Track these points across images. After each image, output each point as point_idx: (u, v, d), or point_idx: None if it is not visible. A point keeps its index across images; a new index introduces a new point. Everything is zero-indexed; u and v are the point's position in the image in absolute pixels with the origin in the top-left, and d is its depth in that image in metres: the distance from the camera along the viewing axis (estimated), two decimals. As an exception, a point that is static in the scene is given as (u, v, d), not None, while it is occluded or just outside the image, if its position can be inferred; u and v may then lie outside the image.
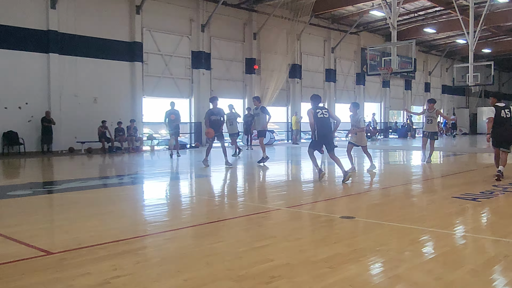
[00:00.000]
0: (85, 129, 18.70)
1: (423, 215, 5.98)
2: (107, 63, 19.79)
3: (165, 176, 11.02)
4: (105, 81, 19.71)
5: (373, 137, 30.83)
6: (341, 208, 6.66)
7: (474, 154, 17.70)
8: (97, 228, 5.18)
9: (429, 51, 39.37)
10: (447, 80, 42.55)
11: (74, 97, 18.87)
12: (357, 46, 32.84)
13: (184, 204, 7.16)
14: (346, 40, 31.10)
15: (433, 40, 36.52)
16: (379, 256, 4.11)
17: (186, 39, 22.73)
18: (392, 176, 11.00)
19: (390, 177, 10.92)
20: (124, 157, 16.56)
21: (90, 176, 10.92)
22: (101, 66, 19.57)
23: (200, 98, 23.10)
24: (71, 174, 11.28)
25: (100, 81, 19.57)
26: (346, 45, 31.65)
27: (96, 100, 19.47)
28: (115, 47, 20.00)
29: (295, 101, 28.33)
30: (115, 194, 8.00)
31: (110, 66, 19.89)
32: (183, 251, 4.30)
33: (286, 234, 4.87)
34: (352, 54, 32.89)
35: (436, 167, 12.24)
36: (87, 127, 18.74)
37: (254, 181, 10.32)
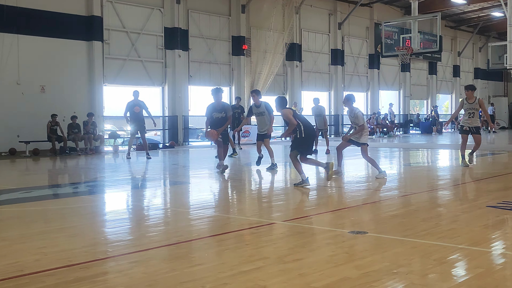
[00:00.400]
0: (30, 125, 18.55)
1: (451, 229, 6.00)
2: (58, 42, 19.63)
3: (131, 184, 10.95)
4: (56, 66, 19.56)
5: (390, 133, 30.98)
6: (351, 221, 6.65)
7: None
8: (44, 250, 5.12)
9: (458, 26, 39.63)
10: (480, 62, 42.87)
11: (16, 85, 18.70)
12: (369, 21, 32.94)
13: (155, 218, 7.11)
14: (356, 14, 31.19)
15: (463, 13, 36.75)
16: (397, 280, 4.09)
17: (157, 12, 22.64)
18: (413, 181, 11.04)
19: (411, 182, 10.96)
20: (80, 160, 16.46)
21: (36, 184, 10.82)
22: (50, 47, 19.40)
23: (176, 86, 23.03)
24: (12, 182, 11.18)
25: (49, 66, 19.41)
26: (356, 20, 31.73)
27: (44, 89, 19.32)
28: (68, 22, 19.84)
29: (294, 88, 28.37)
30: (68, 206, 7.93)
31: (62, 46, 19.73)
32: (153, 278, 4.25)
33: (282, 255, 4.85)
34: (364, 31, 32.98)
35: (468, 170, 12.30)
36: (33, 123, 18.58)
37: (243, 189, 10.29)
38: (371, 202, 8.06)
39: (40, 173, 13.89)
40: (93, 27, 20.42)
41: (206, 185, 10.80)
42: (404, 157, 17.44)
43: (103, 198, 9.25)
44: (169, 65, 23.02)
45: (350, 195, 8.87)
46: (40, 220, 6.80)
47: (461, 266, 4.58)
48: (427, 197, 8.69)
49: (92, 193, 9.57)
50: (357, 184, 10.34)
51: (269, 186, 10.50)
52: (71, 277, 4.21)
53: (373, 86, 33.46)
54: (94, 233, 6.16)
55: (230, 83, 25.58)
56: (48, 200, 8.74)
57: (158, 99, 23.28)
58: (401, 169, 13.73)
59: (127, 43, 21.74)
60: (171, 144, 22.15)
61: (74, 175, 13.12)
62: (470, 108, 12.35)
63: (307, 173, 9.40)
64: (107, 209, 8.15)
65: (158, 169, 14.42)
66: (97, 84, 20.65)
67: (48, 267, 4.48)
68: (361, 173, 12.43)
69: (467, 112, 12.49)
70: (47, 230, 6.18)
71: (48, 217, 7.13)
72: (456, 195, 9.04)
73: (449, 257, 4.75)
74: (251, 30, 26.12)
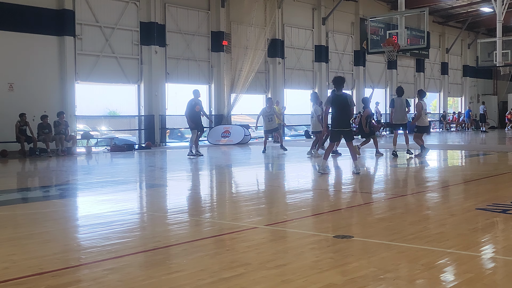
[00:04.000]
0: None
1: (440, 232, 6.06)
2: (27, 37, 19.41)
3: (105, 187, 10.89)
4: (24, 62, 19.35)
5: (377, 133, 31.11)
6: (336, 224, 6.69)
7: (504, 154, 18.09)
8: (13, 257, 5.07)
9: (446, 22, 40.05)
10: (469, 59, 43.36)
11: (-17, 83, 18.49)
12: (355, 16, 33.13)
13: (131, 223, 7.08)
14: (341, 9, 31.35)
15: (451, 8, 37.13)
16: (384, 286, 4.12)
17: (133, 6, 22.52)
18: (400, 183, 11.13)
19: (398, 184, 11.05)
20: (51, 162, 16.32)
21: (4, 187, 10.71)
22: (18, 42, 19.19)
23: (152, 84, 22.91)
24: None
25: (17, 62, 19.19)
26: (341, 15, 31.90)
27: (12, 87, 19.11)
28: (37, 16, 19.65)
29: (276, 86, 28.41)
30: (38, 211, 7.86)
31: (31, 41, 19.53)
32: (129, 286, 4.24)
33: (264, 260, 4.86)
34: (349, 27, 33.17)
35: (457, 171, 12.44)
36: (0, 123, 18.37)
37: (224, 192, 10.28)
38: (357, 205, 8.11)
39: (8, 175, 13.74)
40: (64, 21, 20.22)
41: (185, 188, 10.78)
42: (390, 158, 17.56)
43: (75, 202, 9.18)
44: (145, 61, 22.90)
45: (334, 198, 8.92)
46: (8, 226, 6.73)
47: (450, 271, 4.63)
48: (414, 199, 8.77)
49: (64, 196, 9.50)
50: (342, 186, 10.40)
51: (251, 189, 10.51)
52: (42, 286, 4.18)
53: (358, 83, 33.65)
54: (66, 239, 6.11)
55: (209, 81, 25.54)
56: (17, 205, 8.66)
57: (133, 98, 23.15)
58: (387, 170, 13.84)
59: (100, 39, 21.58)
60: (147, 145, 22.03)
61: (45, 178, 13.00)
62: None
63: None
64: (80, 213, 8.09)
65: (134, 171, 14.36)
66: (69, 82, 20.45)
67: (18, 275, 4.44)
68: (346, 175, 12.50)
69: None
70: (16, 236, 6.11)
71: (17, 222, 7.06)
72: (444, 197, 9.13)
73: (438, 262, 4.80)
74: (231, 25, 26.10)
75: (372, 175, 12.53)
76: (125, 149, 20.44)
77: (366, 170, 13.08)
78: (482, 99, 43.10)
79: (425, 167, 13.79)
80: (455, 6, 36.43)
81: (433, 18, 37.01)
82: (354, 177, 11.27)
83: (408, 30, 25.01)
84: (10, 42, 18.97)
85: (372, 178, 11.92)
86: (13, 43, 19.03)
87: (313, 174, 13.28)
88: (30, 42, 19.48)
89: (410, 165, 14.27)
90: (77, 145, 20.35)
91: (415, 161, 15.05)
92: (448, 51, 41.33)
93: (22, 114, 18.30)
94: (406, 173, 13.22)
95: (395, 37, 23.39)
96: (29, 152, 18.29)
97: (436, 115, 40.95)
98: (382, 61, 34.74)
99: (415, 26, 29.28)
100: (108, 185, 11.10)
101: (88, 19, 21.12)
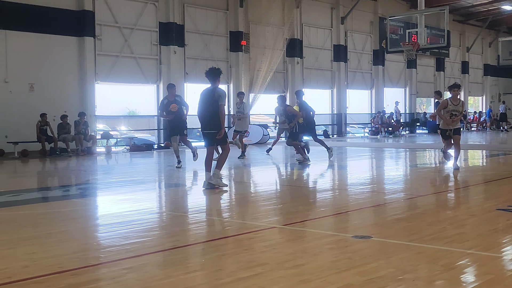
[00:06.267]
0: (19, 125, 18.53)
1: (459, 233, 6.00)
2: (48, 38, 19.60)
3: (125, 186, 10.95)
4: (45, 63, 19.54)
5: (396, 132, 30.97)
6: (354, 224, 6.66)
7: (525, 154, 17.84)
8: (33, 256, 5.11)
9: (466, 20, 39.65)
10: (490, 58, 42.85)
11: (4, 83, 18.69)
12: (374, 16, 32.94)
13: (150, 222, 7.11)
14: (360, 8, 31.19)
15: (472, 6, 36.76)
16: (403, 287, 4.10)
17: (151, 6, 22.62)
18: (420, 183, 11.04)
19: (417, 184, 10.96)
20: (71, 162, 16.46)
21: (25, 187, 10.82)
22: (39, 43, 19.38)
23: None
24: (0, 185, 11.18)
25: (37, 63, 19.40)
26: (360, 14, 31.73)
27: (33, 87, 19.31)
28: (58, 17, 19.82)
29: (294, 86, 28.31)
30: (58, 210, 7.93)
31: (52, 42, 19.71)
32: (147, 285, 4.25)
33: (282, 260, 4.85)
34: (368, 26, 32.98)
35: (477, 171, 12.31)
36: (22, 123, 18.56)
37: (242, 192, 10.28)
38: (375, 205, 8.06)
39: (29, 175, 13.88)
40: (84, 22, 20.39)
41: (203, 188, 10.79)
42: (410, 158, 17.44)
43: (95, 201, 9.25)
44: (164, 62, 22.99)
45: (353, 197, 8.88)
46: (29, 225, 6.80)
47: (470, 272, 4.59)
48: (434, 199, 8.70)
49: (83, 196, 9.57)
50: (361, 186, 10.35)
51: (269, 189, 10.50)
52: (62, 284, 4.21)
53: (377, 83, 33.46)
54: (86, 238, 6.15)
55: (228, 81, 25.57)
56: (37, 204, 8.74)
57: (152, 98, 23.24)
58: (407, 170, 13.73)
59: (120, 39, 21.72)
60: (166, 144, 22.10)
61: (65, 178, 13.11)
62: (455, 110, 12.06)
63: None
64: (99, 213, 8.15)
65: (152, 170, 14.42)
66: (89, 82, 20.62)
67: (37, 274, 4.48)
68: (365, 175, 12.44)
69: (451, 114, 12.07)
70: (36, 235, 6.17)
71: (37, 221, 7.13)
72: (464, 197, 9.04)
73: (457, 263, 4.75)
74: (250, 25, 26.09)
75: (393, 175, 12.44)
76: (144, 149, 20.56)
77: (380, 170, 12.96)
78: (503, 98, 42.57)
79: (445, 167, 13.66)
80: (475, 4, 36.05)
81: (453, 16, 36.64)
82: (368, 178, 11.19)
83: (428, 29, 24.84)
84: (31, 43, 19.17)
85: (391, 178, 11.84)
86: (34, 44, 19.23)
87: (331, 173, 13.24)
88: (50, 43, 19.66)
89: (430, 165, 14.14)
90: (97, 144, 20.50)
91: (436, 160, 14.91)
92: (468, 50, 40.92)
93: (43, 114, 18.48)
94: (426, 173, 13.10)
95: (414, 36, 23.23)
96: (50, 152, 18.47)
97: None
98: (401, 60, 34.46)
99: (435, 24, 29.04)
100: (127, 185, 11.17)
101: (107, 19, 21.27)
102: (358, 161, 16.06)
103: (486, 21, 39.63)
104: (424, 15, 22.24)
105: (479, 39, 41.38)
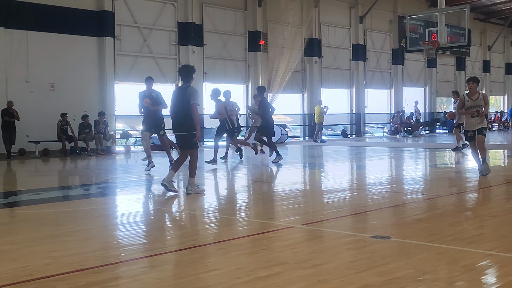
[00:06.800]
0: (40, 125, 18.73)
1: (480, 233, 5.95)
2: (68, 38, 19.80)
3: (144, 186, 11.02)
4: (65, 63, 19.73)
5: (415, 132, 30.74)
6: (373, 224, 6.63)
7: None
8: (54, 254, 5.17)
9: (487, 19, 39.21)
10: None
11: (25, 83, 18.91)
12: (393, 14, 32.73)
13: (169, 221, 7.15)
14: (379, 7, 31.01)
15: (493, 4, 36.34)
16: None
17: (170, 7, 22.73)
18: (440, 184, 10.95)
19: (437, 184, 10.87)
20: (91, 161, 16.60)
21: (46, 186, 10.92)
22: (59, 43, 19.58)
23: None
24: (22, 184, 11.32)
25: (58, 63, 19.60)
26: (379, 13, 31.55)
27: (54, 87, 19.51)
28: (78, 18, 20.01)
29: (313, 86, 28.30)
30: (78, 209, 8.01)
31: (72, 42, 19.90)
32: (167, 283, 4.28)
33: (300, 260, 4.85)
34: (387, 25, 32.78)
35: (498, 171, 12.17)
36: (42, 122, 18.77)
37: (260, 191, 10.29)
38: (395, 205, 8.02)
39: (50, 174, 14.03)
40: (104, 22, 20.56)
41: (222, 187, 10.83)
42: (430, 158, 17.30)
43: (115, 200, 9.33)
44: (183, 61, 23.05)
45: (372, 197, 8.84)
46: (50, 223, 6.87)
47: (491, 273, 4.55)
48: (454, 200, 8.62)
49: (103, 195, 9.65)
50: (380, 186, 10.30)
51: (287, 188, 10.49)
52: (82, 282, 4.26)
53: (396, 82, 33.25)
54: (106, 236, 6.21)
55: (246, 81, 25.60)
56: (58, 202, 8.83)
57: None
58: (426, 170, 13.63)
59: (139, 39, 21.87)
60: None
61: (85, 176, 13.23)
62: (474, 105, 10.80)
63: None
64: (119, 211, 8.22)
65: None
66: (109, 82, 20.79)
67: (59, 272, 4.53)
68: (384, 175, 12.37)
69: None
70: (57, 233, 6.24)
71: (58, 219, 7.20)
72: (485, 198, 8.95)
73: (478, 264, 4.71)
74: (268, 25, 26.09)
75: (413, 175, 12.36)
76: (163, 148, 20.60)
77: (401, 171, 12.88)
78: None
79: (465, 167, 13.54)
80: (497, 2, 35.66)
81: (474, 15, 36.29)
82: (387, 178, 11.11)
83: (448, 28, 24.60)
84: (52, 43, 19.38)
85: (411, 178, 11.76)
86: (54, 44, 19.43)
87: (350, 173, 13.19)
88: (70, 43, 19.85)
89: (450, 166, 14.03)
90: (116, 144, 20.65)
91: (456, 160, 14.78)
92: (490, 49, 40.46)
93: (64, 114, 18.67)
94: (446, 173, 12.99)
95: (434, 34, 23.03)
96: (70, 151, 18.66)
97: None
98: (421, 60, 34.19)
99: (455, 23, 28.80)
100: (146, 184, 11.24)
101: (127, 20, 21.42)
102: (377, 161, 15.97)
103: (508, 19, 39.16)
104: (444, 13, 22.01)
105: (500, 38, 40.89)
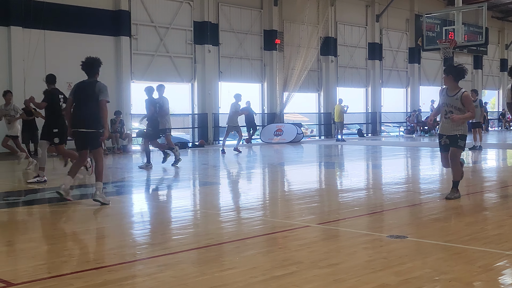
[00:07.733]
0: (58, 123, 18.87)
1: (498, 234, 5.89)
2: (85, 38, 19.91)
3: (160, 184, 11.07)
4: (83, 62, 19.85)
5: (432, 131, 30.51)
6: (389, 224, 6.60)
7: None
8: (71, 252, 5.22)
9: (505, 17, 38.81)
10: (530, 55, 41.88)
11: (43, 82, 18.96)
12: (410, 13, 32.53)
13: (184, 220, 7.17)
14: (396, 5, 30.83)
15: (511, 3, 35.94)
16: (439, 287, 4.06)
17: (186, 6, 22.79)
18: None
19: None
20: (107, 160, 16.69)
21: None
22: (76, 43, 19.69)
23: (206, 82, 23.13)
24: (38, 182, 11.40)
25: (75, 62, 19.26)
26: (395, 12, 31.37)
27: (71, 86, 19.61)
28: (95, 17, 20.14)
29: (328, 85, 28.22)
30: (94, 207, 8.05)
31: (89, 42, 20.00)
32: (182, 282, 4.30)
33: (316, 259, 4.85)
34: (404, 24, 32.57)
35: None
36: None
37: (276, 190, 10.29)
38: (411, 205, 7.97)
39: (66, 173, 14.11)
40: (120, 22, 20.67)
41: (238, 186, 10.84)
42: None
43: (131, 199, 9.37)
44: (199, 60, 23.15)
45: (388, 197, 8.79)
46: (66, 222, 6.93)
47: (508, 273, 4.51)
48: (471, 200, 8.56)
49: (120, 193, 9.70)
50: (396, 185, 10.25)
51: (303, 187, 10.48)
52: (99, 280, 4.29)
53: (413, 81, 33.05)
54: (122, 235, 6.24)
55: (262, 79, 25.58)
56: (75, 201, 8.89)
57: (187, 96, 23.43)
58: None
59: (155, 38, 21.95)
60: (200, 143, 22.27)
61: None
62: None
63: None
64: (135, 210, 8.26)
65: (187, 169, 14.52)
66: (125, 81, 20.90)
67: (75, 270, 4.57)
68: (400, 174, 12.29)
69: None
70: (74, 231, 6.30)
71: (75, 218, 7.27)
72: (503, 197, 8.86)
73: (496, 264, 4.67)
74: (284, 24, 26.07)
75: (429, 174, 12.28)
76: (178, 147, 20.67)
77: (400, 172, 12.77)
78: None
79: (483, 167, 13.42)
80: (515, 0, 35.28)
81: (491, 13, 35.92)
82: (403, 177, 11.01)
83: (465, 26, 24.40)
84: (69, 43, 19.51)
85: (427, 177, 11.68)
86: (71, 43, 19.55)
87: (366, 172, 13.14)
88: (88, 42, 19.95)
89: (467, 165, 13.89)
90: (132, 143, 20.75)
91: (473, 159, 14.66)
92: (507, 47, 40.04)
93: (80, 113, 18.75)
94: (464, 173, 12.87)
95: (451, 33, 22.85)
96: (87, 150, 18.75)
97: (495, 113, 39.76)
98: (438, 58, 33.90)
99: (472, 21, 28.50)
100: (162, 183, 11.29)
101: (143, 19, 21.52)
102: (393, 160, 15.88)
103: (526, 17, 38.77)
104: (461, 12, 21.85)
105: (518, 36, 40.49)
